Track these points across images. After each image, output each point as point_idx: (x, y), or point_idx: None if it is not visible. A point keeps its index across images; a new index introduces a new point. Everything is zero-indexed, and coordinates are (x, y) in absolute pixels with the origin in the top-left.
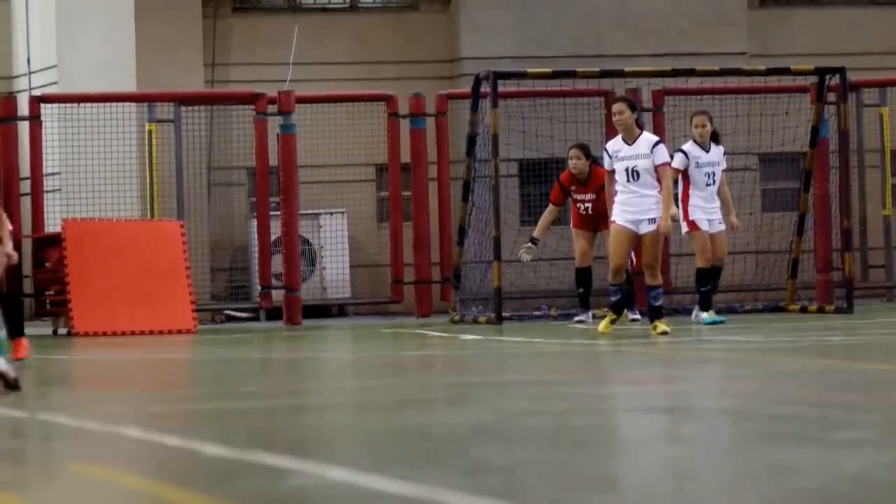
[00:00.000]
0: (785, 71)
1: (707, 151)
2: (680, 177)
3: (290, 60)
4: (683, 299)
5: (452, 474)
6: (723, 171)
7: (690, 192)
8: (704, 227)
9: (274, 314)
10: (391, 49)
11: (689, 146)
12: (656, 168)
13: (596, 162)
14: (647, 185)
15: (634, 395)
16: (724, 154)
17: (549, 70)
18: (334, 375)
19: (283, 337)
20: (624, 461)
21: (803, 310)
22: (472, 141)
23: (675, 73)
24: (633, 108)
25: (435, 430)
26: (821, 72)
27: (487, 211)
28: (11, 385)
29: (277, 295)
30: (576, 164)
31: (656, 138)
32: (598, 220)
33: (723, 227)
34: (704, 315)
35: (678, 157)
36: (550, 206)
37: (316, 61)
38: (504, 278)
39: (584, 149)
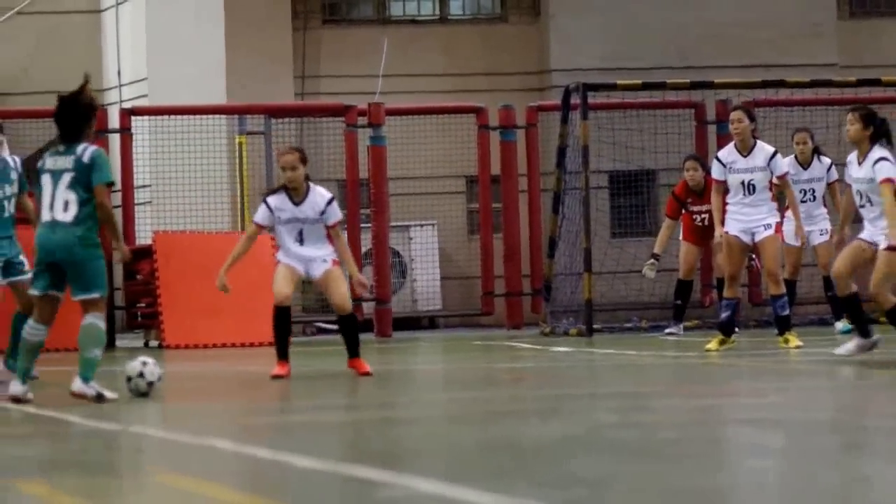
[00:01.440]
0: (875, 82)
1: (805, 169)
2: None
3: (380, 72)
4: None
5: (542, 487)
6: (835, 181)
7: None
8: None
9: (365, 326)
10: (480, 61)
11: (788, 162)
12: (779, 178)
13: (709, 173)
14: (762, 197)
15: (721, 408)
16: (832, 167)
17: (638, 82)
18: (425, 387)
19: (373, 349)
20: (714, 474)
21: (872, 321)
22: (562, 153)
23: (764, 85)
24: (751, 117)
25: (525, 443)
26: None
27: (578, 223)
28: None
29: (368, 307)
30: (693, 175)
31: (773, 149)
32: (712, 231)
33: (824, 238)
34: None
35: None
36: (667, 221)
37: (405, 73)
38: (594, 290)
39: (698, 160)
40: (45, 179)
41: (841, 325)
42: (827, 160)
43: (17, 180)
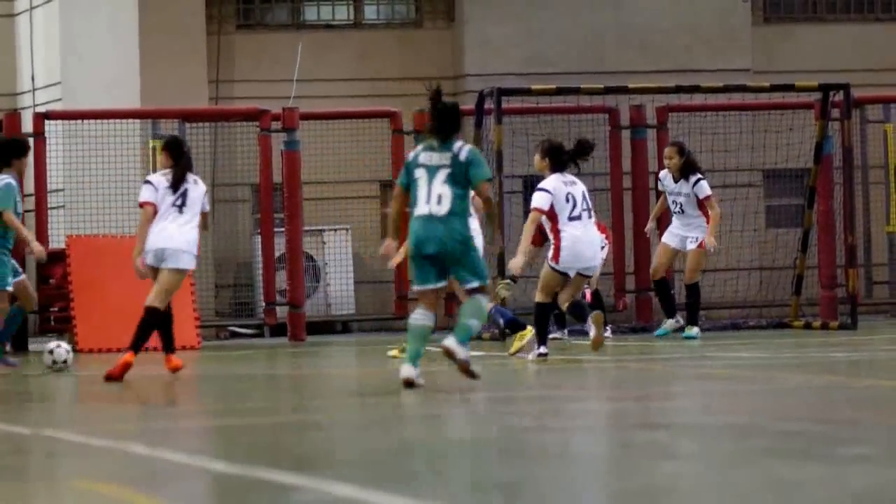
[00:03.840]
0: (789, 87)
1: (676, 182)
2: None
3: (294, 77)
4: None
5: (455, 491)
6: (705, 198)
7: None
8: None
9: (278, 330)
10: (395, 65)
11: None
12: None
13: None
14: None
15: (638, 412)
16: (697, 183)
17: (553, 86)
18: (338, 392)
19: (287, 353)
20: (628, 478)
21: (807, 326)
22: None
23: (679, 90)
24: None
25: (438, 447)
26: (825, 88)
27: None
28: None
29: (282, 311)
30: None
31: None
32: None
33: (692, 246)
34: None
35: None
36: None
37: (320, 78)
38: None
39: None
40: (421, 173)
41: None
42: (693, 177)
43: None
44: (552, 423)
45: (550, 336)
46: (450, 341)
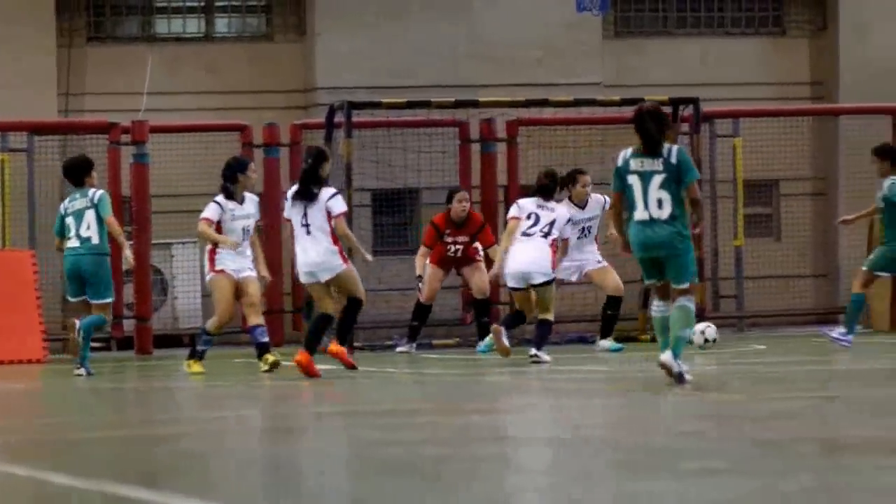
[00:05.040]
0: (639, 101)
1: (583, 209)
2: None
3: (145, 90)
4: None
5: None
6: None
7: None
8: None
9: (125, 344)
10: (246, 79)
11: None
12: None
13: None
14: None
15: (486, 426)
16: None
17: (403, 100)
18: (185, 405)
19: (133, 367)
20: (474, 492)
21: (654, 340)
22: None
23: (528, 104)
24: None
25: (286, 460)
26: (674, 102)
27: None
28: None
29: (129, 325)
30: (464, 207)
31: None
32: (463, 261)
33: (602, 264)
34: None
35: None
36: (423, 249)
37: (171, 91)
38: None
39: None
40: (634, 179)
41: (608, 343)
42: (601, 197)
43: None
44: (400, 437)
45: (400, 349)
46: (666, 356)
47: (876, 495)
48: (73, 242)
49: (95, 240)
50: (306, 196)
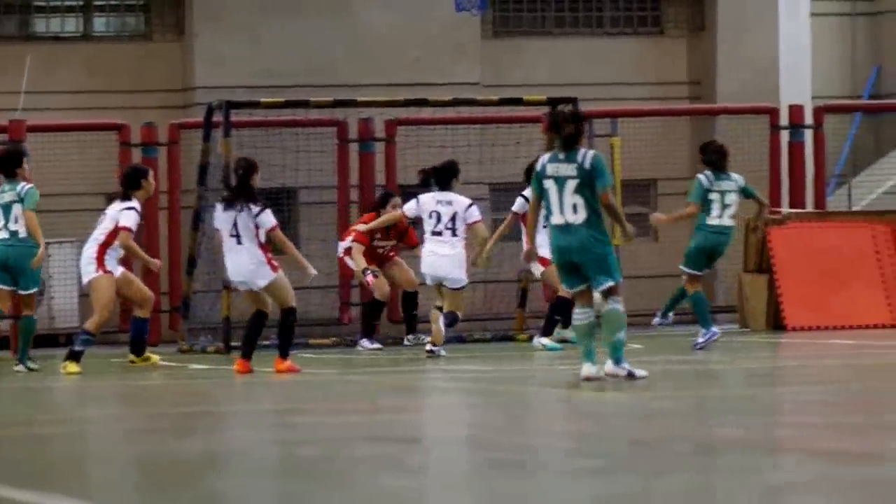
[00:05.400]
0: (517, 101)
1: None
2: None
3: (23, 89)
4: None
5: None
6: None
7: None
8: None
9: (1, 344)
10: (124, 78)
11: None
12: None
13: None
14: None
15: (366, 425)
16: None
17: (281, 100)
18: (64, 405)
19: (10, 367)
20: (352, 492)
21: (531, 339)
22: (203, 170)
23: (407, 104)
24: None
25: (165, 461)
26: (553, 102)
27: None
28: None
29: (5, 324)
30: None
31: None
32: (384, 261)
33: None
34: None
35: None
36: (360, 246)
37: (48, 90)
38: (233, 308)
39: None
40: (550, 184)
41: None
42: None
43: None
44: (277, 437)
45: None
46: (608, 367)
47: (752, 494)
48: (2, 234)
49: (23, 233)
50: (236, 207)
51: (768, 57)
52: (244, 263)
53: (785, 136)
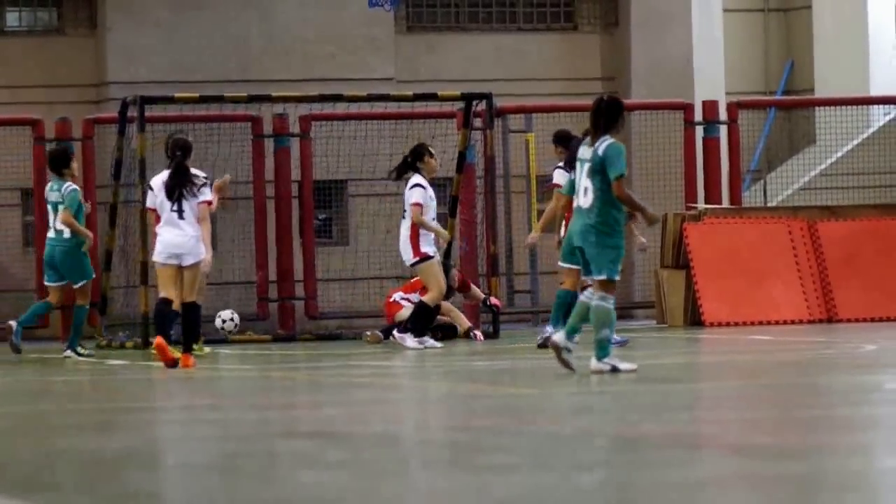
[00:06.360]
0: (432, 97)
1: None
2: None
3: None
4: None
5: (100, 501)
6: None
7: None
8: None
9: None
10: (37, 73)
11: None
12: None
13: None
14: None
15: (284, 420)
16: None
17: (196, 94)
18: None
19: None
20: (271, 487)
21: (468, 334)
22: (118, 165)
23: (322, 99)
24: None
25: (83, 457)
26: (467, 97)
27: (134, 235)
28: None
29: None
30: None
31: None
32: None
33: None
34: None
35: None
36: None
37: None
38: (150, 303)
39: None
40: (578, 166)
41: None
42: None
43: None
44: (196, 433)
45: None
46: (592, 364)
47: (671, 489)
48: (49, 233)
49: (67, 233)
50: (181, 185)
51: (682, 53)
52: (186, 236)
53: (699, 131)
